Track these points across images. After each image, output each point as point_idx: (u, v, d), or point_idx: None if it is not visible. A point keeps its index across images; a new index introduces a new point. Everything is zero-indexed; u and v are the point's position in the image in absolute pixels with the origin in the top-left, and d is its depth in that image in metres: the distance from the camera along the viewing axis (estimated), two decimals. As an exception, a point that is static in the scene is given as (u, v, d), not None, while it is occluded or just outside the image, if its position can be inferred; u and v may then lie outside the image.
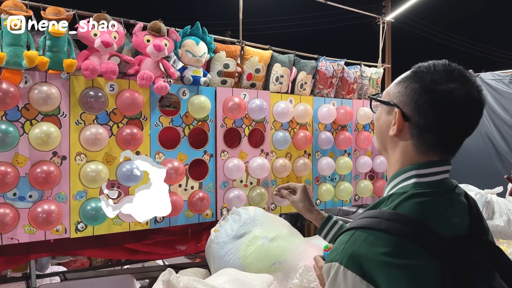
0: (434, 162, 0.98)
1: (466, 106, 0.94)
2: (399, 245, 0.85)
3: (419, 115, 0.95)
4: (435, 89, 0.94)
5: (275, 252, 2.77)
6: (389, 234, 0.86)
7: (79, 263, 4.10)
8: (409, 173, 0.98)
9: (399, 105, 0.99)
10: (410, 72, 1.01)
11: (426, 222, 0.89)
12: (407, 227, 0.87)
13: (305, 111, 3.76)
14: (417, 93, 0.96)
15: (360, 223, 0.92)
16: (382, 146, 1.10)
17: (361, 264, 0.85)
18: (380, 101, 1.08)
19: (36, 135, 2.57)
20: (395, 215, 0.90)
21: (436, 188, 0.96)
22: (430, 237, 0.87)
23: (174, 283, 2.00)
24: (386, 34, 5.75)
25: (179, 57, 3.18)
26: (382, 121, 1.07)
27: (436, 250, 0.85)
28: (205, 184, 3.33)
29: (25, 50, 2.49)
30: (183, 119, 3.21)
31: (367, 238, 0.88)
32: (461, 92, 0.93)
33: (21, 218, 2.61)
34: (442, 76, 0.94)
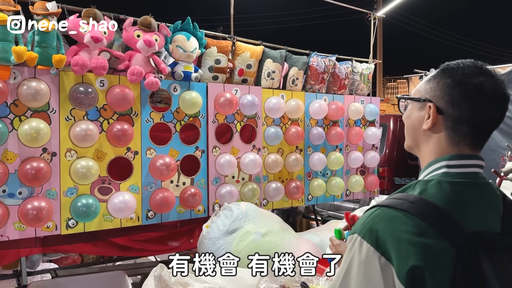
0: (466, 155, 1.01)
1: (496, 98, 0.99)
2: (418, 225, 0.88)
3: (453, 107, 1.00)
4: (467, 82, 0.99)
5: (267, 247, 2.78)
6: (410, 214, 0.90)
7: (70, 260, 4.08)
8: (440, 163, 1.02)
9: (432, 99, 1.04)
10: (440, 70, 1.06)
11: (449, 211, 0.91)
12: (429, 212, 0.90)
13: (296, 107, 3.77)
14: (450, 86, 1.00)
15: (385, 202, 0.96)
16: (414, 142, 1.12)
17: (377, 237, 0.90)
18: (412, 98, 1.11)
19: (26, 131, 2.55)
20: (420, 199, 0.93)
21: (466, 179, 0.98)
22: (451, 225, 0.89)
23: (165, 279, 2.00)
24: (377, 30, 5.77)
25: (170, 53, 3.16)
26: (414, 117, 1.11)
27: (454, 240, 0.87)
28: (197, 180, 3.33)
29: (14, 45, 2.46)
30: (174, 115, 3.19)
31: (387, 215, 0.93)
32: (490, 85, 0.98)
33: (10, 215, 2.59)
34: (472, 71, 1.00)
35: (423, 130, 1.07)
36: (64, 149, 2.75)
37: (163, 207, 3.05)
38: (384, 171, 5.92)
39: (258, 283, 2.03)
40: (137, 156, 3.03)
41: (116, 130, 2.85)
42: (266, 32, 18.93)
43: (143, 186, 3.06)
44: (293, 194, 3.83)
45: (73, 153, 2.79)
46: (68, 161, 2.77)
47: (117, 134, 2.85)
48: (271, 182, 3.73)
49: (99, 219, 2.88)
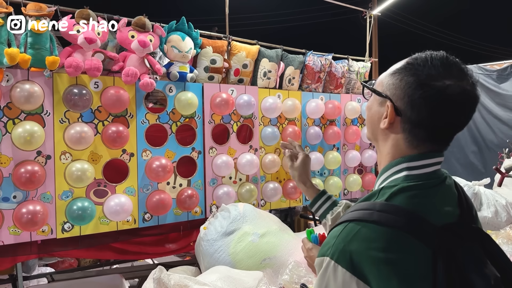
0: (425, 154, 0.97)
1: (460, 103, 0.92)
2: (391, 237, 0.85)
3: (411, 110, 0.94)
4: (430, 85, 0.91)
5: (265, 248, 2.76)
6: (381, 226, 0.86)
7: (67, 264, 4.04)
8: (400, 166, 0.98)
9: (392, 98, 0.97)
10: (406, 63, 0.98)
11: (418, 212, 0.89)
12: (399, 217, 0.87)
13: (293, 106, 3.75)
14: (411, 87, 0.93)
15: (352, 216, 0.91)
16: (373, 136, 1.09)
17: (352, 259, 0.84)
18: (373, 90, 1.05)
19: (19, 135, 2.52)
20: (387, 206, 0.89)
21: (427, 180, 0.95)
22: (422, 225, 0.87)
23: (165, 281, 1.98)
24: (372, 28, 5.76)
25: (165, 53, 3.14)
26: (373, 111, 1.06)
27: (428, 238, 0.85)
28: (193, 181, 3.30)
29: (6, 47, 2.43)
30: (170, 116, 3.17)
31: (358, 232, 0.87)
32: (456, 89, 0.91)
33: (5, 219, 2.56)
34: (438, 72, 0.92)
35: (380, 128, 1.02)
36: (58, 152, 2.72)
37: (159, 209, 3.03)
38: (382, 169, 5.89)
39: (258, 284, 2.01)
40: (132, 158, 3.00)
41: (111, 132, 2.82)
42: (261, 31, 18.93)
43: (139, 188, 3.03)
44: (290, 194, 3.81)
45: (68, 156, 2.75)
46: (63, 164, 2.74)
47: (112, 136, 2.82)
48: (269, 182, 3.71)
49: (95, 222, 2.85)
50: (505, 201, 3.56)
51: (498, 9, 26.89)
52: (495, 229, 3.32)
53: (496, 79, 5.54)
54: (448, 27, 22.87)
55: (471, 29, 26.52)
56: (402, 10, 18.32)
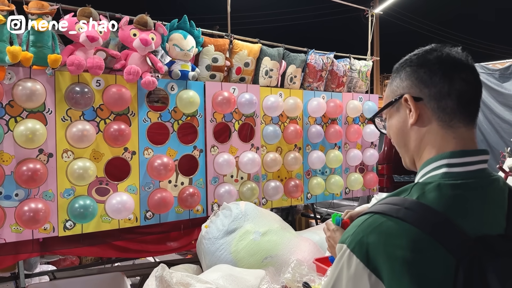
0: (469, 151, 0.92)
1: (460, 63, 0.95)
2: (414, 237, 0.80)
3: (427, 85, 0.94)
4: (426, 60, 0.96)
5: (267, 247, 2.76)
6: (406, 223, 0.82)
7: (68, 262, 4.05)
8: (439, 162, 0.93)
9: (404, 92, 0.99)
10: (395, 68, 1.03)
11: (450, 216, 0.83)
12: (427, 218, 0.82)
13: (295, 105, 3.74)
14: (413, 71, 0.97)
15: (378, 208, 0.88)
16: (405, 148, 1.04)
17: (368, 251, 0.83)
18: (384, 107, 1.05)
19: (21, 132, 2.52)
20: (417, 204, 0.84)
21: (469, 179, 0.89)
22: (451, 232, 0.81)
23: (167, 279, 1.98)
24: (374, 27, 5.76)
25: (167, 51, 3.14)
26: (395, 123, 1.03)
27: (454, 247, 0.79)
28: (195, 179, 3.30)
29: (8, 45, 2.43)
30: (171, 114, 3.17)
31: (381, 225, 0.84)
32: (449, 56, 0.95)
33: (7, 217, 2.56)
34: (424, 52, 0.98)
35: (411, 128, 0.99)
36: (60, 150, 2.72)
37: (161, 207, 3.03)
38: (383, 168, 5.90)
39: (260, 283, 2.01)
40: (134, 156, 3.00)
41: (113, 130, 2.82)
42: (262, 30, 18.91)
43: (141, 187, 3.03)
44: (292, 193, 3.81)
45: (70, 154, 2.76)
46: (65, 162, 2.74)
47: (114, 134, 2.82)
48: (270, 181, 3.71)
49: (96, 220, 2.86)
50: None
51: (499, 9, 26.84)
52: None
53: (498, 78, 5.53)
54: (449, 26, 22.83)
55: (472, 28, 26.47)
56: (404, 9, 18.29)
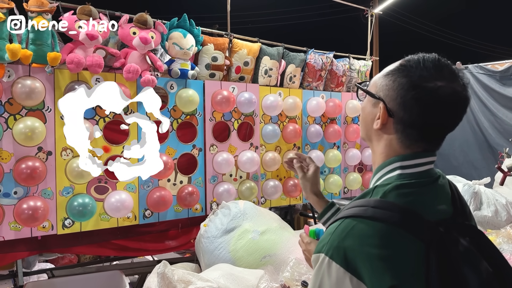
0: (418, 153, 0.99)
1: (451, 104, 0.95)
2: (385, 233, 0.86)
3: (404, 110, 0.96)
4: (422, 86, 0.94)
5: (266, 246, 2.76)
6: (375, 221, 0.87)
7: (67, 260, 4.05)
8: (393, 165, 1.00)
9: (385, 99, 0.99)
10: (399, 65, 1.00)
11: (411, 207, 0.90)
12: (393, 212, 0.88)
13: (294, 104, 3.75)
14: (404, 88, 0.96)
15: (347, 213, 0.92)
16: (367, 136, 1.11)
17: (346, 255, 0.86)
18: (366, 92, 1.07)
19: (21, 130, 2.52)
20: (381, 202, 0.91)
21: (420, 178, 0.97)
22: (416, 220, 0.89)
23: (169, 276, 1.98)
24: (374, 27, 5.76)
25: (166, 50, 3.14)
26: (367, 112, 1.08)
27: (422, 233, 0.87)
28: (194, 178, 3.31)
29: (7, 43, 2.42)
30: (171, 113, 3.17)
31: (353, 228, 0.88)
32: (447, 91, 0.93)
33: (6, 215, 2.56)
34: (430, 73, 0.95)
35: (374, 129, 1.04)
36: (59, 148, 2.72)
37: (160, 206, 3.03)
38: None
39: (259, 282, 2.01)
40: (133, 154, 2.99)
41: (112, 129, 2.81)
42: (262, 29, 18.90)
43: (140, 185, 3.03)
44: (291, 192, 3.81)
45: (69, 152, 2.75)
46: (64, 160, 2.74)
47: (114, 132, 2.82)
48: (269, 180, 3.71)
49: (95, 219, 2.86)
50: (505, 200, 3.56)
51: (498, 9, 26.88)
52: (495, 228, 3.32)
53: (499, 80, 5.54)
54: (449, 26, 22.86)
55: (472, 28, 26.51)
56: (403, 9, 18.29)
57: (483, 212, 3.50)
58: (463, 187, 3.68)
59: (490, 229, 3.24)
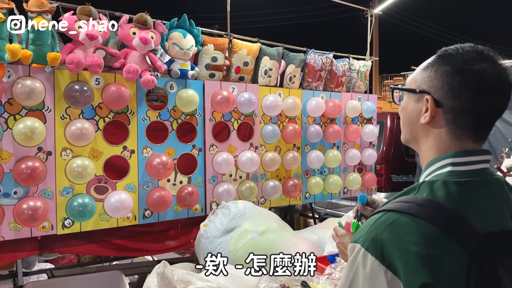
0: (472, 150, 0.94)
1: (498, 85, 0.93)
2: (427, 233, 0.82)
3: (453, 97, 0.92)
4: (467, 69, 0.92)
5: (265, 246, 2.76)
6: (419, 219, 0.84)
7: (67, 260, 4.05)
8: (444, 161, 0.94)
9: (430, 90, 0.96)
10: (437, 57, 0.98)
11: (459, 212, 0.85)
12: (439, 215, 0.84)
13: (294, 105, 3.75)
14: (449, 75, 0.93)
15: (390, 206, 0.90)
16: (412, 136, 1.05)
17: (382, 248, 0.84)
18: (407, 89, 1.03)
19: (20, 130, 2.52)
20: (429, 201, 0.87)
21: (473, 177, 0.91)
22: (463, 228, 0.84)
23: (168, 276, 1.99)
24: (373, 27, 5.76)
25: (166, 50, 3.14)
26: (410, 110, 1.03)
27: (467, 244, 0.82)
28: (194, 178, 3.31)
29: (7, 43, 2.43)
30: (171, 113, 3.17)
31: (394, 222, 0.85)
32: (492, 72, 0.92)
33: (6, 215, 2.56)
34: (473, 56, 0.93)
35: (421, 124, 0.99)
36: (59, 148, 2.72)
37: (160, 206, 3.03)
38: (382, 168, 5.92)
39: (258, 282, 2.02)
40: (133, 154, 3.00)
41: (112, 129, 2.82)
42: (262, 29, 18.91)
43: (139, 185, 3.03)
44: (290, 192, 3.81)
45: (69, 152, 2.76)
46: (64, 160, 2.74)
47: (113, 133, 2.82)
48: (269, 180, 3.72)
49: (95, 219, 2.86)
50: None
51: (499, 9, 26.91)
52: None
53: None
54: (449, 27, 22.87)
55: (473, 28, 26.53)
56: (403, 9, 18.31)
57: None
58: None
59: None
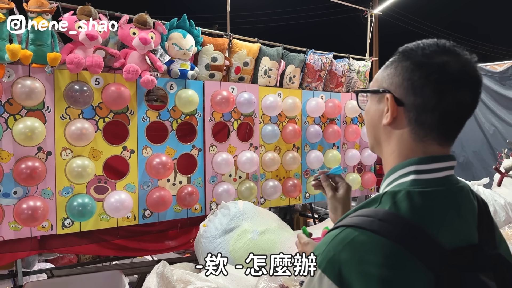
0: (437, 156, 0.86)
1: (463, 79, 0.84)
2: (390, 252, 0.75)
3: (414, 94, 0.85)
4: (428, 63, 0.85)
5: (265, 246, 2.77)
6: (380, 237, 0.76)
7: (66, 260, 4.05)
8: (407, 169, 0.87)
9: (390, 88, 0.89)
10: (397, 53, 0.91)
11: (424, 228, 0.78)
12: (403, 231, 0.76)
13: (293, 105, 3.75)
14: (408, 70, 0.86)
15: (350, 221, 0.81)
16: (375, 140, 0.97)
17: (340, 270, 0.75)
18: (367, 91, 0.97)
19: (20, 130, 2.52)
20: (391, 215, 0.79)
21: (438, 186, 0.84)
22: (427, 246, 0.77)
23: (168, 276, 1.99)
24: (373, 27, 5.76)
25: (166, 50, 3.14)
26: (372, 112, 0.96)
27: (432, 262, 0.75)
28: (193, 178, 3.31)
29: (7, 43, 2.43)
30: (170, 113, 3.17)
31: (353, 240, 0.77)
32: (455, 65, 0.84)
33: (6, 215, 2.56)
34: (433, 50, 0.86)
35: (383, 126, 0.91)
36: (59, 148, 2.72)
37: (159, 206, 3.04)
38: (381, 168, 5.89)
39: (257, 282, 2.02)
40: (133, 154, 3.00)
41: (112, 129, 2.82)
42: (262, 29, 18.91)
43: (139, 185, 3.04)
44: (290, 192, 3.81)
45: (69, 152, 2.76)
46: (64, 160, 2.74)
47: (113, 133, 2.82)
48: (268, 180, 3.72)
49: (95, 219, 2.86)
50: (503, 201, 3.57)
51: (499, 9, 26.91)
52: (494, 229, 3.33)
53: (498, 80, 5.55)
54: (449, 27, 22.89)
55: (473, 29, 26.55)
56: (403, 9, 18.31)
57: (482, 212, 3.50)
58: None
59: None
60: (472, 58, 0.87)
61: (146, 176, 3.05)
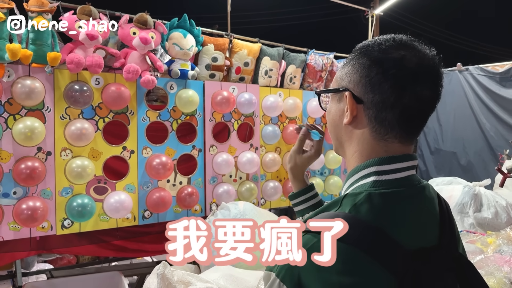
0: (397, 156, 0.85)
1: (422, 73, 0.83)
2: (350, 257, 0.73)
3: (373, 91, 0.83)
4: (385, 58, 0.83)
5: (265, 247, 2.75)
6: (339, 242, 0.73)
7: (66, 261, 4.04)
8: (368, 170, 0.85)
9: (349, 86, 0.87)
10: (355, 51, 0.90)
11: (385, 229, 0.76)
12: (363, 235, 0.75)
13: (294, 105, 3.74)
14: (366, 67, 0.84)
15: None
16: (338, 141, 0.95)
17: (300, 279, 0.73)
18: (327, 90, 0.95)
19: (20, 130, 2.51)
20: (351, 219, 0.76)
21: (399, 187, 0.83)
22: (388, 249, 0.75)
23: (168, 277, 1.98)
24: (374, 28, 5.75)
25: (166, 50, 3.13)
26: (333, 112, 0.93)
27: (393, 265, 0.73)
28: (193, 179, 3.30)
29: (8, 43, 2.42)
30: (170, 113, 3.16)
31: (313, 247, 0.74)
32: (413, 59, 0.82)
33: (5, 215, 2.55)
34: (390, 44, 0.85)
35: (344, 126, 0.89)
36: (59, 148, 2.71)
37: (159, 206, 3.02)
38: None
39: (258, 283, 2.01)
40: (133, 155, 2.99)
41: (112, 129, 2.81)
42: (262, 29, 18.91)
43: (139, 186, 3.02)
44: (291, 193, 3.80)
45: (68, 152, 2.75)
46: (63, 160, 2.73)
47: (113, 133, 2.82)
48: (269, 181, 3.71)
49: (94, 219, 2.85)
50: (505, 202, 3.56)
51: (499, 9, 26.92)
52: (495, 230, 3.31)
53: (499, 81, 5.54)
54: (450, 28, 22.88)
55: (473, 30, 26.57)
56: (404, 10, 18.31)
57: (483, 213, 3.49)
58: (463, 189, 3.66)
59: (490, 231, 3.23)
60: (431, 52, 0.86)
61: (146, 177, 3.04)
